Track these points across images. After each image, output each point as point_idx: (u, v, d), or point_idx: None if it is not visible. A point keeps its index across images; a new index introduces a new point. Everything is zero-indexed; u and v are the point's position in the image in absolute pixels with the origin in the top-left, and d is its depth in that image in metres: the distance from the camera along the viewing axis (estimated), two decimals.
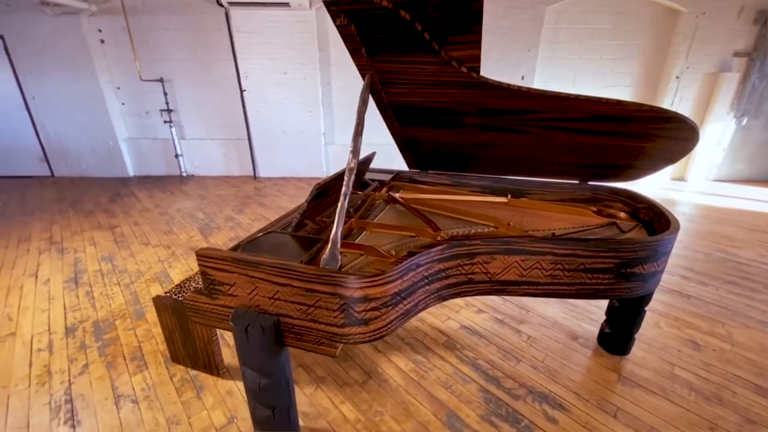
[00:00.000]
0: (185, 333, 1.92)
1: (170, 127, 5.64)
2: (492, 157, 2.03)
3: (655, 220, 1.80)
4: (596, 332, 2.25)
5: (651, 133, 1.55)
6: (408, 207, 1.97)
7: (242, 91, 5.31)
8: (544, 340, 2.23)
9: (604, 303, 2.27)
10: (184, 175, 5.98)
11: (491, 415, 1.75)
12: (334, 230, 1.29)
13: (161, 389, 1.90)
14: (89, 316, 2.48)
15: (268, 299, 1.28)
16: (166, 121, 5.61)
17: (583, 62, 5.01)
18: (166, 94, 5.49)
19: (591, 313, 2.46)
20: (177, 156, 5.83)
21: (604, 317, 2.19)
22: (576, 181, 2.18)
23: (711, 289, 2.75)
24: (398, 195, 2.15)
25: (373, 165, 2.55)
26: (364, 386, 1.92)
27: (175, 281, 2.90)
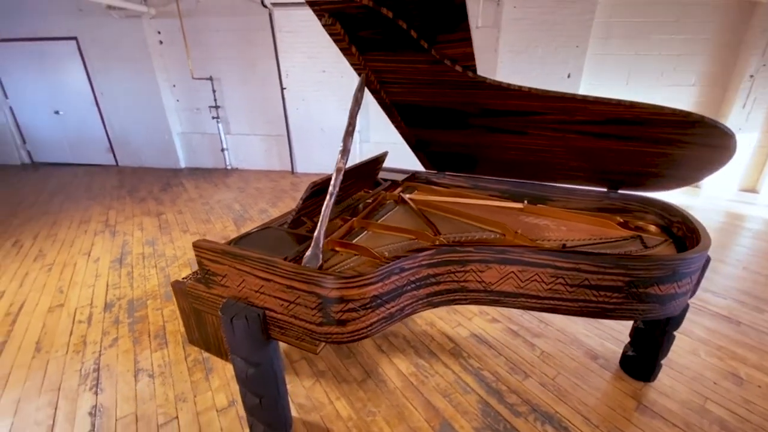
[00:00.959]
0: (198, 317, 2.04)
1: (217, 122, 6.02)
2: (505, 160, 1.92)
3: (687, 236, 1.61)
4: (619, 354, 2.06)
5: (677, 139, 1.37)
6: (414, 208, 1.93)
7: (283, 89, 5.52)
8: (559, 357, 2.09)
9: (631, 322, 2.07)
10: (229, 168, 6.36)
11: (487, 429, 1.67)
12: (318, 229, 1.30)
13: (176, 367, 2.05)
14: (126, 294, 2.73)
15: (255, 292, 1.32)
16: (213, 117, 6.00)
17: (639, 59, 4.57)
18: (214, 91, 5.87)
19: (617, 333, 2.26)
20: (223, 150, 6.22)
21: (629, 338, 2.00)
22: (604, 189, 2.01)
23: None
24: (409, 196, 2.11)
25: (395, 165, 2.54)
26: (362, 385, 1.92)
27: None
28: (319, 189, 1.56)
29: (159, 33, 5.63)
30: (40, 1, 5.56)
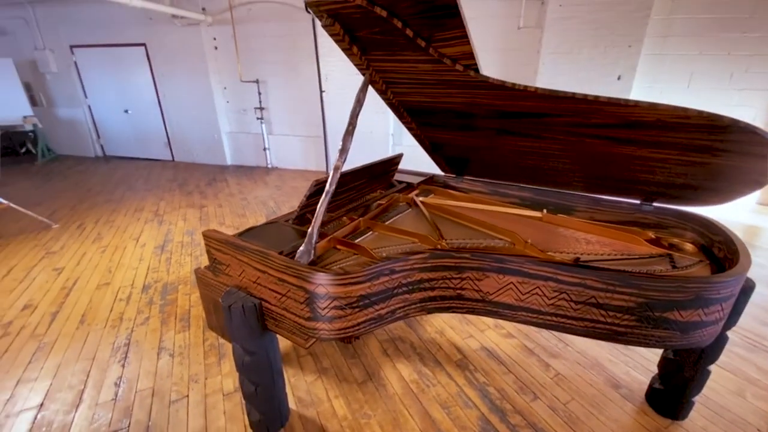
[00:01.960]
0: (216, 304, 2.16)
1: (261, 123, 6.36)
2: (524, 166, 1.82)
3: (728, 258, 1.42)
4: (646, 385, 1.87)
5: (710, 146, 1.22)
6: (424, 212, 1.90)
7: (321, 92, 5.70)
8: (575, 381, 1.94)
9: (661, 351, 1.87)
10: (269, 167, 6.68)
11: None
12: (311, 226, 1.32)
13: (193, 350, 2.18)
14: (162, 278, 2.97)
15: (253, 283, 1.38)
16: (258, 118, 6.34)
17: (703, 59, 4.13)
18: (260, 93, 6.20)
19: (647, 361, 2.05)
20: (265, 149, 6.55)
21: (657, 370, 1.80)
22: (637, 202, 1.84)
23: None
24: (422, 199, 2.08)
25: (421, 168, 2.53)
26: (362, 386, 1.92)
27: None
28: (323, 187, 1.59)
29: (215, 39, 6.07)
30: (117, 12, 6.23)
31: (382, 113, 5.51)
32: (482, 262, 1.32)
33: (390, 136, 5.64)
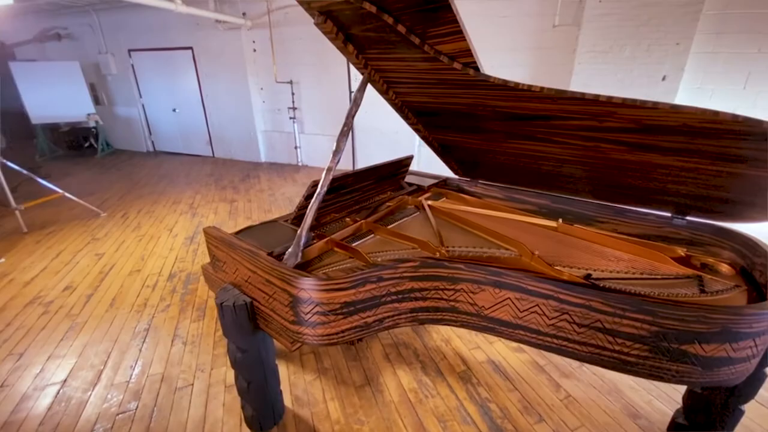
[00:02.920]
0: None
1: (293, 122, 6.53)
2: (539, 172, 1.70)
3: None
4: (669, 418, 1.68)
5: (748, 156, 1.05)
6: (429, 216, 1.83)
7: (351, 93, 5.74)
8: (587, 406, 1.78)
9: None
10: (300, 165, 6.84)
11: None
12: (300, 229, 1.31)
13: (204, 339, 2.27)
14: (187, 268, 3.12)
15: (245, 281, 1.39)
16: (290, 118, 6.52)
17: (763, 58, 3.66)
18: (293, 94, 6.37)
19: (673, 391, 1.84)
20: (296, 148, 6.72)
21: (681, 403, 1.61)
22: (668, 214, 1.66)
23: None
24: (430, 202, 2.02)
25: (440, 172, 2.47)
26: (359, 391, 1.89)
27: None
28: None
29: (254, 42, 6.31)
30: (168, 18, 6.66)
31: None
32: (477, 274, 1.24)
33: (416, 136, 5.55)
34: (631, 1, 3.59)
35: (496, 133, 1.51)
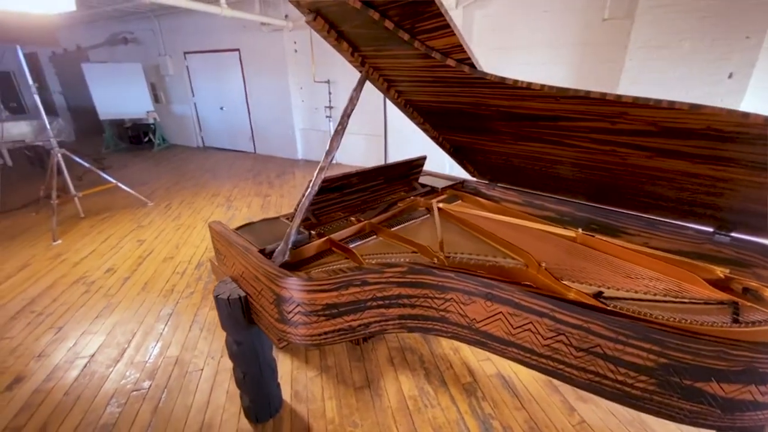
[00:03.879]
0: None
1: (329, 121, 6.65)
2: (557, 177, 1.56)
3: None
4: None
5: None
6: (436, 219, 1.76)
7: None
8: None
9: None
10: (334, 162, 6.95)
11: None
12: (290, 227, 1.31)
13: (219, 328, 2.36)
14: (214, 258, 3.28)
15: (240, 276, 1.42)
16: (327, 116, 6.65)
17: None
18: (330, 93, 6.48)
19: None
20: None
21: None
22: (709, 229, 1.46)
23: None
24: (441, 205, 1.94)
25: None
26: (358, 392, 1.87)
27: None
28: (325, 186, 1.57)
29: (295, 43, 6.51)
30: (219, 22, 7.05)
31: None
32: (468, 285, 1.16)
33: None
34: None
35: (504, 134, 1.41)
